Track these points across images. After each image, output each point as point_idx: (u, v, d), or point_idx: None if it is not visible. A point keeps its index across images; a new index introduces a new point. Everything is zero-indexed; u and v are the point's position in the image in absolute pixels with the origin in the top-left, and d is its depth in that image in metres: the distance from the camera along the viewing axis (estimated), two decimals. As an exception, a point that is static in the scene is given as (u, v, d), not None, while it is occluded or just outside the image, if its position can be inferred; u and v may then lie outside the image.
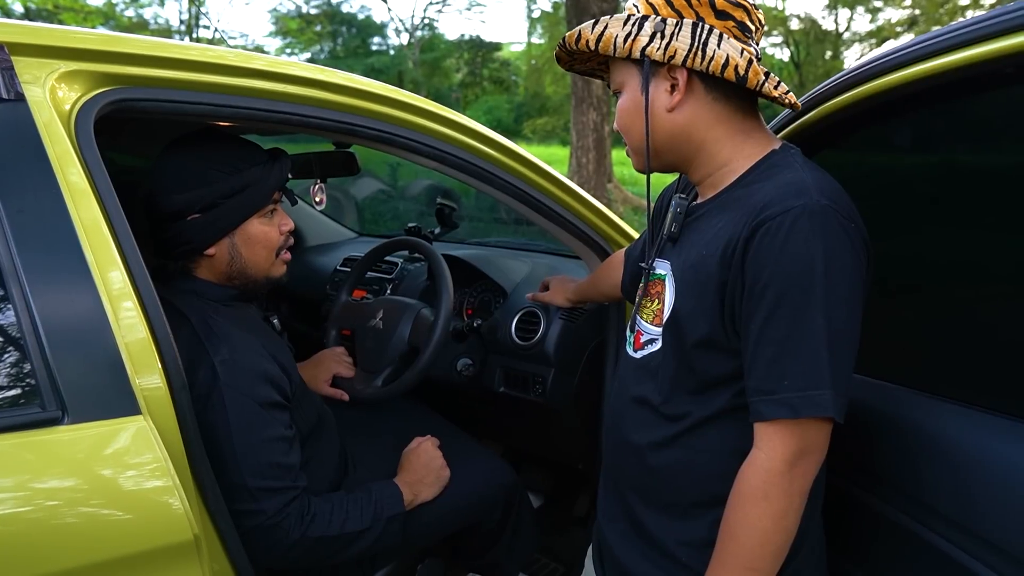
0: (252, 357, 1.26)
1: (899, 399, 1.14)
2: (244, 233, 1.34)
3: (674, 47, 0.98)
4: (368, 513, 1.35)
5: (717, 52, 0.97)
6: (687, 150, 1.06)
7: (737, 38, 1.00)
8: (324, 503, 1.29)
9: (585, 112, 10.22)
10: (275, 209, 1.39)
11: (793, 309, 0.90)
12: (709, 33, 0.98)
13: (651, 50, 0.99)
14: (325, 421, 1.56)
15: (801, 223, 0.89)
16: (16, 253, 0.91)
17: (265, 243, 1.37)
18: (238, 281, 1.37)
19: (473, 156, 1.51)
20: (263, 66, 1.22)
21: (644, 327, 1.12)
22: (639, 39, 1.00)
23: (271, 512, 1.19)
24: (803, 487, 0.93)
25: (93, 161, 1.01)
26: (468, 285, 2.23)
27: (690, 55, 0.98)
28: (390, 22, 31.93)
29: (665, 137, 1.05)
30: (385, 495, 1.41)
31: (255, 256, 1.37)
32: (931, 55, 0.98)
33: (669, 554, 1.06)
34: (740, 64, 0.97)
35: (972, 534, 0.95)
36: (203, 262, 1.35)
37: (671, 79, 1.01)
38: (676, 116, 1.03)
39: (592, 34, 1.03)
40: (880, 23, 22.06)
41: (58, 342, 0.90)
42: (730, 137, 1.04)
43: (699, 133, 1.04)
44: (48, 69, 1.01)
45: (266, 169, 1.34)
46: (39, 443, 0.87)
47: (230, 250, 1.34)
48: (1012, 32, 0.85)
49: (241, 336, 1.27)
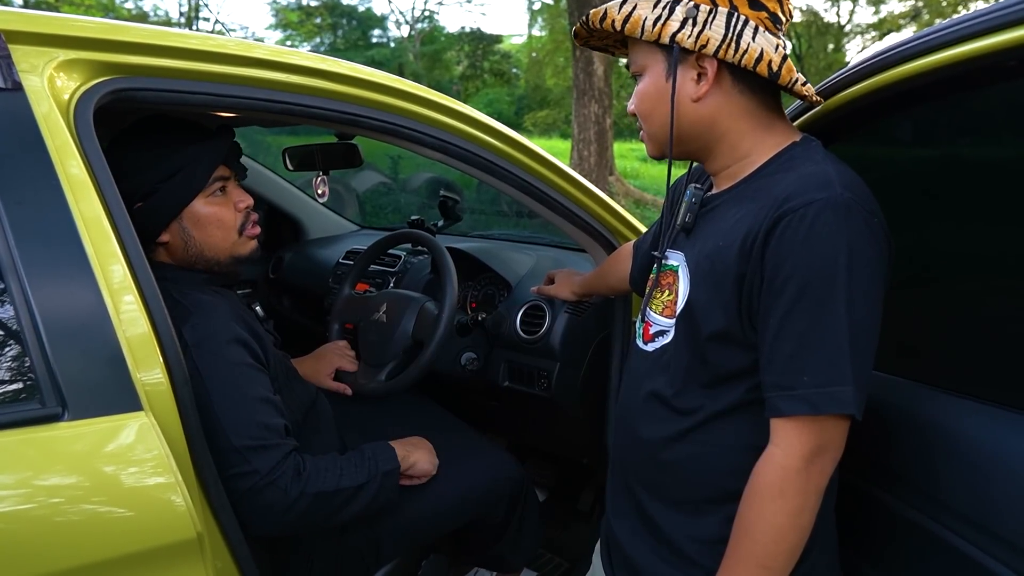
0: (221, 320, 1.23)
1: (913, 395, 1.13)
2: (192, 215, 1.31)
3: (707, 36, 0.95)
4: (363, 468, 1.32)
5: (752, 45, 0.94)
6: (708, 140, 1.03)
7: (768, 30, 0.97)
8: (319, 461, 1.27)
9: (586, 105, 10.18)
10: (225, 187, 1.35)
11: (815, 303, 0.88)
12: (744, 25, 0.95)
13: (682, 37, 0.96)
14: (321, 412, 1.54)
15: (824, 216, 0.87)
16: (15, 246, 0.89)
17: (218, 223, 1.33)
18: (200, 264, 1.34)
19: (478, 147, 1.49)
20: (264, 55, 1.20)
21: (654, 318, 1.10)
22: (669, 24, 0.96)
23: (264, 471, 1.16)
24: (820, 484, 0.91)
25: (93, 152, 1.00)
26: (472, 278, 2.21)
27: (723, 46, 0.95)
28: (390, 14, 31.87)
29: (687, 126, 1.02)
30: (378, 451, 1.39)
31: (210, 238, 1.33)
32: (936, 48, 0.96)
33: (680, 551, 1.05)
34: (774, 59, 0.95)
35: (988, 531, 0.94)
36: (162, 250, 1.33)
37: (699, 68, 0.98)
38: (700, 106, 1.00)
39: (619, 14, 0.99)
40: (883, 15, 21.99)
41: (58, 337, 0.89)
42: (752, 129, 1.02)
43: (722, 124, 1.01)
44: (46, 58, 0.99)
45: (199, 148, 1.30)
46: (39, 440, 0.86)
47: (181, 235, 1.31)
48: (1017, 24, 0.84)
49: (211, 302, 1.26)
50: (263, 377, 1.26)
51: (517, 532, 1.82)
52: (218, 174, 1.33)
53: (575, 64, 10.32)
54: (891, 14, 21.53)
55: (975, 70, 0.94)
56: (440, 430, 1.84)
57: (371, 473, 1.33)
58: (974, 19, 0.90)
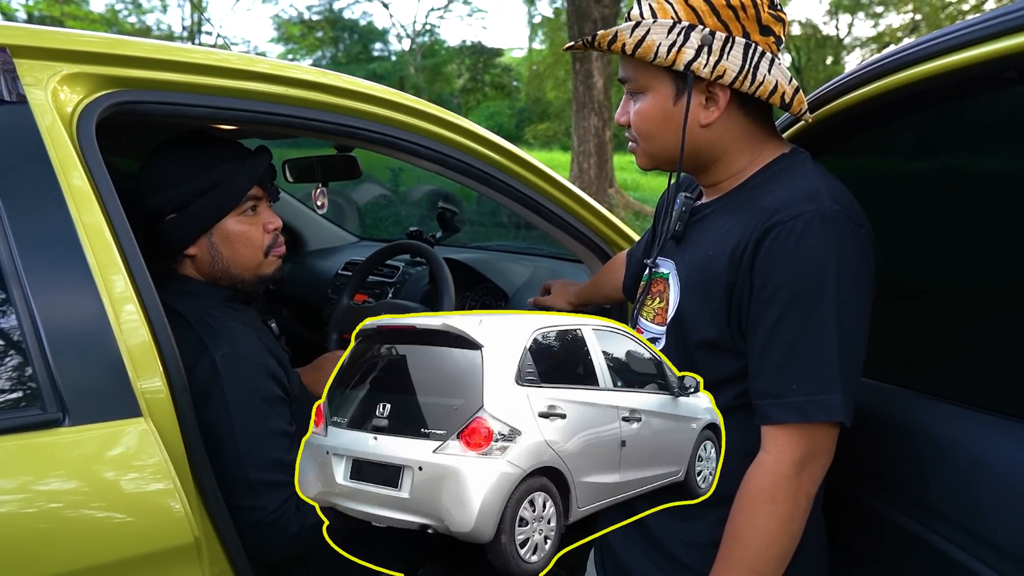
0: (252, 351, 1.25)
1: (901, 401, 1.14)
2: (222, 231, 1.32)
3: (724, 66, 0.95)
4: None
5: (767, 78, 0.96)
6: (708, 159, 1.05)
7: (774, 54, 0.98)
8: None
9: (586, 117, 10.24)
10: (256, 207, 1.37)
11: (804, 313, 0.89)
12: (761, 57, 0.96)
13: (697, 66, 0.95)
14: None
15: (813, 228, 0.89)
16: (18, 255, 0.91)
17: (246, 242, 1.35)
18: (224, 280, 1.36)
19: (475, 159, 1.51)
20: (265, 69, 1.23)
21: (645, 326, 1.12)
22: (684, 51, 0.95)
23: (271, 508, 1.17)
24: (810, 490, 0.93)
25: (95, 164, 1.02)
26: (469, 289, 2.23)
27: (739, 77, 0.95)
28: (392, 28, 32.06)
29: (691, 148, 1.02)
30: None
31: (237, 255, 1.34)
32: (927, 58, 0.97)
33: (670, 554, 1.06)
34: (787, 91, 0.97)
35: (975, 535, 0.95)
36: (188, 262, 1.34)
37: (708, 94, 0.99)
38: (707, 131, 1.01)
39: (631, 39, 0.97)
40: (881, 28, 22.12)
41: (59, 344, 0.91)
42: (751, 147, 1.04)
43: (724, 144, 1.03)
44: (50, 71, 1.01)
45: (237, 166, 1.32)
46: (40, 445, 0.87)
47: (210, 249, 1.33)
48: (1013, 32, 0.85)
49: (241, 331, 1.27)
50: (285, 410, 1.27)
51: (513, 541, 1.83)
52: (252, 193, 1.35)
53: (575, 77, 10.39)
54: (889, 27, 21.66)
55: (965, 79, 0.95)
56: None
57: None
58: (965, 28, 0.92)
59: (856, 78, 1.10)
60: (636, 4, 1.01)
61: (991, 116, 1.07)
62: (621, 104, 1.08)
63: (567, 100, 17.84)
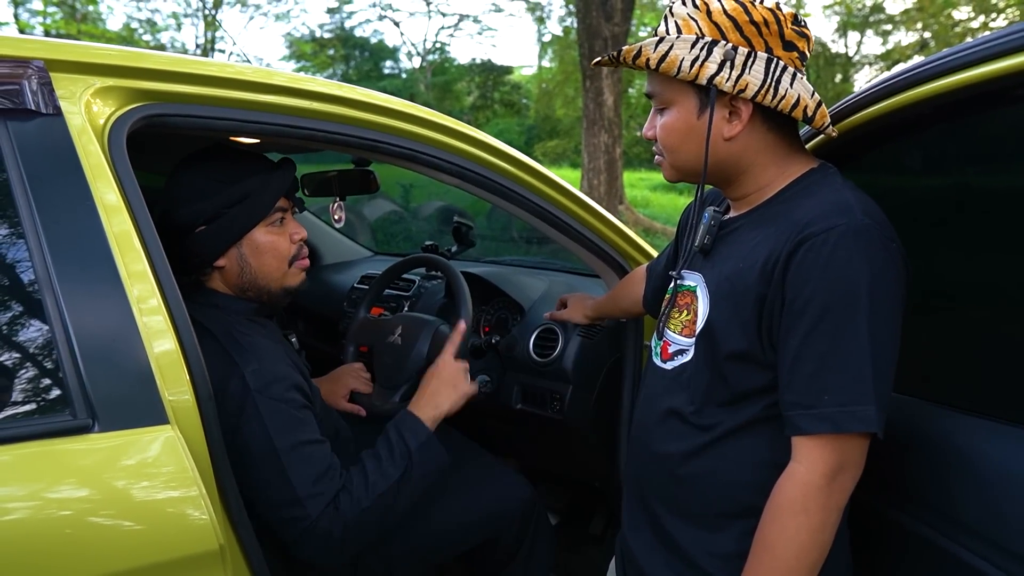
0: (280, 365, 1.27)
1: (925, 414, 1.14)
2: (251, 243, 1.35)
3: (746, 80, 0.97)
4: (394, 457, 1.29)
5: (789, 91, 0.97)
6: (733, 172, 1.06)
7: (797, 68, 1.00)
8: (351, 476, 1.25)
9: (596, 134, 10.27)
10: (283, 218, 1.39)
11: (836, 325, 0.90)
12: (783, 71, 0.97)
13: (720, 80, 0.97)
14: (342, 438, 1.56)
15: (845, 241, 0.90)
16: (51, 263, 0.93)
17: (274, 252, 1.37)
18: (252, 292, 1.38)
19: (493, 173, 1.52)
20: (286, 83, 1.25)
21: (672, 338, 1.13)
22: (707, 66, 0.97)
23: (314, 516, 1.18)
24: (840, 502, 0.93)
25: (125, 175, 1.04)
26: (485, 302, 2.24)
27: (761, 91, 0.97)
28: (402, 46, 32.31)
29: (716, 161, 1.04)
30: (404, 427, 1.35)
31: (265, 266, 1.37)
32: (939, 75, 0.98)
33: (696, 565, 1.06)
34: (810, 105, 0.99)
35: (1000, 547, 0.94)
36: (216, 275, 1.36)
37: (731, 107, 1.00)
38: (731, 144, 1.03)
39: (655, 54, 0.99)
40: (890, 46, 22.15)
41: (89, 351, 0.92)
42: (776, 162, 1.05)
43: (748, 158, 1.04)
44: (84, 85, 1.03)
45: (266, 178, 1.35)
46: (69, 451, 0.88)
47: (239, 260, 1.35)
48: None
49: (267, 346, 1.28)
50: (314, 419, 1.29)
51: (528, 555, 1.82)
52: (279, 204, 1.37)
53: (585, 94, 10.44)
54: (898, 45, 21.68)
55: (979, 95, 0.96)
56: (453, 452, 1.86)
57: (404, 460, 1.29)
58: (979, 45, 0.92)
59: (870, 95, 1.11)
60: (663, 21, 1.04)
61: (1008, 132, 1.08)
62: (648, 119, 1.10)
63: (576, 117, 17.92)
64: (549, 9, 25.89)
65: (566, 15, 23.40)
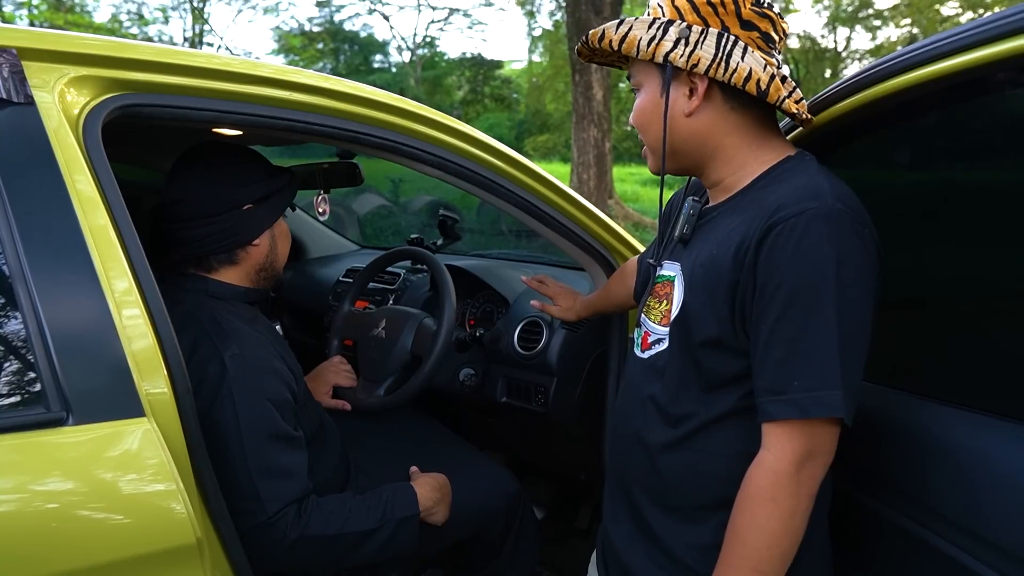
0: (262, 353, 1.26)
1: (903, 404, 1.14)
2: (280, 226, 1.47)
3: (697, 55, 0.99)
4: (375, 512, 1.32)
5: (740, 64, 0.98)
6: (702, 154, 1.07)
7: (761, 49, 1.01)
8: (326, 502, 1.28)
9: (586, 129, 10.27)
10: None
11: (805, 310, 0.90)
12: (734, 45, 0.99)
13: (674, 56, 1.00)
14: (327, 429, 1.55)
15: (815, 225, 0.90)
16: (24, 256, 0.91)
17: (286, 238, 1.50)
18: (266, 273, 1.45)
19: (478, 165, 1.52)
20: (268, 73, 1.23)
21: (651, 327, 1.13)
22: (663, 44, 1.01)
23: (270, 512, 1.18)
24: (811, 489, 0.93)
25: (101, 166, 1.02)
26: (470, 296, 2.23)
27: (713, 65, 0.98)
28: (392, 40, 32.19)
29: (681, 140, 1.06)
30: (398, 495, 1.38)
31: (283, 249, 1.49)
32: (924, 62, 0.98)
33: (675, 556, 1.06)
34: (762, 78, 0.99)
35: (978, 537, 0.95)
36: (237, 256, 1.39)
37: (691, 84, 1.02)
38: (693, 121, 1.04)
39: (616, 35, 1.04)
40: (879, 41, 22.23)
41: (63, 344, 0.91)
42: (746, 144, 1.05)
43: (715, 139, 1.05)
44: (57, 74, 1.02)
45: (289, 172, 1.48)
46: (43, 444, 0.87)
47: (270, 241, 1.43)
48: (1013, 35, 0.86)
49: (250, 332, 1.28)
50: (292, 415, 1.29)
51: (514, 548, 1.83)
52: None
53: (575, 89, 10.43)
54: (888, 39, 21.78)
55: (961, 83, 0.96)
56: (438, 445, 1.85)
57: (384, 519, 1.32)
58: (963, 32, 0.92)
59: (852, 84, 1.11)
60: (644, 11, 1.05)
61: (994, 121, 1.08)
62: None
63: (566, 112, 17.91)
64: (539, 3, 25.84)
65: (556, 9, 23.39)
